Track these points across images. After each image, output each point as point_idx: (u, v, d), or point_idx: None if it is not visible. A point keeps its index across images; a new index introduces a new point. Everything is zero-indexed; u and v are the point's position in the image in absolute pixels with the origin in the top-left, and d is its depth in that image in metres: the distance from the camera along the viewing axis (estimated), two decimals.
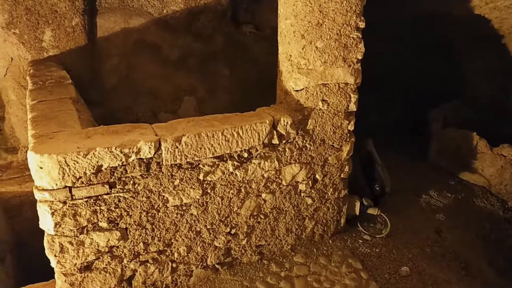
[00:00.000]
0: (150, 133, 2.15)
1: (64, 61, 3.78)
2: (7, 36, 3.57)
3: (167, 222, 2.27)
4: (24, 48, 3.66)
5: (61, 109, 2.55)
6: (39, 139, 2.04)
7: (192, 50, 4.53)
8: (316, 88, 2.46)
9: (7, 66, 3.80)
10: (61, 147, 1.95)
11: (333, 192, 2.76)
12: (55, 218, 1.97)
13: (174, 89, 4.56)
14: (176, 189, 2.23)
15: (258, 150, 2.37)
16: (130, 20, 4.17)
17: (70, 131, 2.15)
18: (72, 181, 1.94)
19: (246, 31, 4.78)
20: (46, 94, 2.84)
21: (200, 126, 2.27)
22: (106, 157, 1.96)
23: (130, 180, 2.09)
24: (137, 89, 4.40)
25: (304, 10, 2.36)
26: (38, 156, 1.86)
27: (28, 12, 3.55)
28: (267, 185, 2.49)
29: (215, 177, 2.32)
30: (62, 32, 3.75)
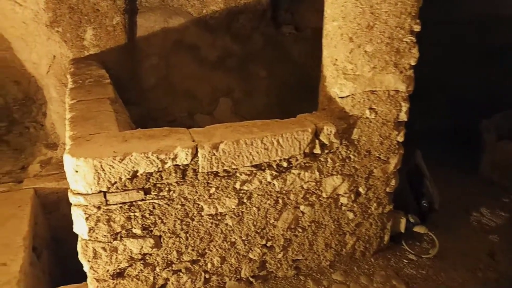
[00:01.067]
0: (187, 138, 2.07)
1: (104, 60, 3.79)
2: (50, 34, 3.61)
3: (201, 231, 2.18)
4: (66, 46, 3.70)
5: (99, 109, 2.52)
6: (76, 141, 2.00)
7: (231, 51, 4.45)
8: (364, 95, 2.29)
9: (49, 64, 3.87)
10: (97, 150, 1.89)
11: (377, 207, 2.57)
12: (89, 223, 1.93)
13: (211, 90, 4.49)
14: (211, 198, 2.14)
15: (298, 159, 2.24)
16: (170, 19, 4.14)
17: (107, 134, 2.10)
18: (107, 186, 1.89)
19: (285, 32, 4.64)
20: (85, 93, 2.83)
21: (238, 132, 2.16)
22: (142, 163, 1.89)
23: (166, 187, 2.01)
24: (175, 89, 4.38)
25: (354, 12, 2.19)
26: (74, 160, 1.82)
27: (71, 11, 3.57)
28: (306, 197, 2.35)
29: (252, 186, 2.20)
30: (103, 31, 3.76)
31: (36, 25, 3.59)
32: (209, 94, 4.52)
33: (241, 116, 4.65)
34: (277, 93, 4.65)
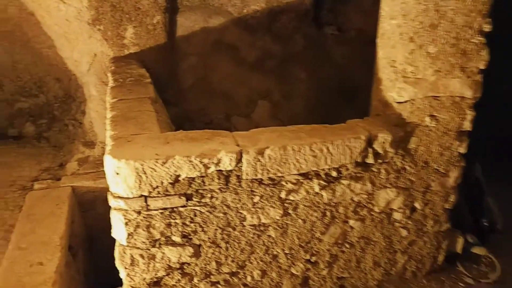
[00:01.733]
0: (231, 142, 1.94)
1: (143, 59, 3.75)
2: (92, 32, 3.61)
3: (242, 242, 2.04)
4: (107, 44, 3.68)
5: (140, 109, 2.44)
6: (117, 141, 1.92)
7: (270, 52, 4.31)
8: (424, 100, 2.09)
9: (90, 62, 3.87)
10: (139, 152, 1.80)
11: (433, 225, 2.35)
12: (128, 229, 1.83)
13: (249, 92, 4.37)
14: (255, 207, 2.00)
15: (349, 169, 2.06)
16: (210, 19, 4.05)
17: (149, 135, 2.01)
18: (149, 190, 1.79)
19: (328, 33, 4.46)
20: (126, 92, 2.77)
21: (285, 137, 2.01)
22: (184, 167, 1.78)
23: (208, 193, 1.89)
24: (212, 90, 4.29)
25: (416, 9, 2.00)
26: (115, 161, 1.73)
27: (113, 9, 3.55)
28: (357, 211, 2.17)
29: (298, 196, 2.05)
30: (143, 30, 3.72)
31: (79, 23, 3.60)
32: (247, 96, 4.40)
33: (279, 119, 4.51)
34: (317, 96, 4.47)
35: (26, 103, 5.26)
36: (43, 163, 4.36)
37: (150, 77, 3.20)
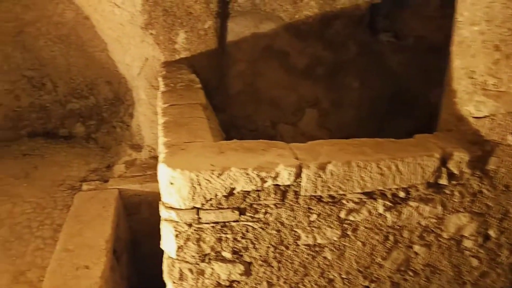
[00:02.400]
0: (288, 155, 1.81)
1: (193, 64, 3.72)
2: (144, 36, 3.62)
3: (296, 262, 1.90)
4: (158, 49, 3.68)
5: (192, 115, 2.37)
6: (171, 149, 1.85)
7: (321, 59, 4.16)
8: (507, 116, 1.86)
9: (141, 66, 3.89)
10: (194, 162, 1.71)
11: (508, 255, 2.09)
12: (178, 241, 1.74)
13: (296, 100, 4.24)
14: (311, 226, 1.85)
15: (419, 190, 1.86)
16: (261, 24, 3.97)
17: (202, 144, 1.92)
18: (202, 202, 1.69)
19: (383, 40, 4.24)
20: (177, 97, 2.73)
21: (347, 152, 1.85)
22: (240, 180, 1.67)
23: (262, 209, 1.77)
24: (260, 97, 4.19)
25: (503, 14, 1.78)
26: (170, 171, 1.65)
27: (165, 14, 3.54)
28: (423, 236, 1.96)
29: (359, 217, 1.87)
30: (194, 35, 3.69)
31: (132, 27, 3.63)
32: (295, 104, 4.27)
33: (327, 128, 4.33)
34: (369, 105, 4.25)
35: (77, 104, 5.42)
36: (91, 164, 4.44)
37: (200, 83, 3.15)
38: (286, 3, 3.89)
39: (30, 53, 5.10)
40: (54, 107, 5.30)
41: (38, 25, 4.72)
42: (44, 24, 4.68)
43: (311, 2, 3.85)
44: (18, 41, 4.89)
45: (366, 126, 4.37)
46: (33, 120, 5.20)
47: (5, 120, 5.09)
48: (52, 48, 5.03)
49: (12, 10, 4.45)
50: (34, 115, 5.23)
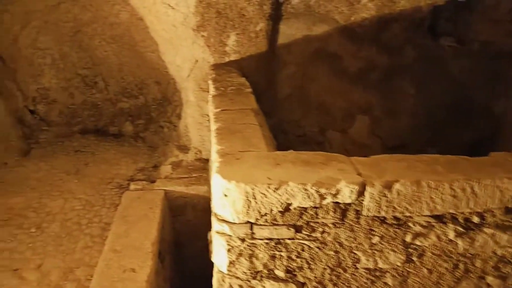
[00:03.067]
0: (350, 170, 1.67)
1: (243, 67, 3.65)
2: (196, 38, 3.60)
3: (353, 286, 1.76)
4: (208, 51, 3.65)
5: (244, 122, 2.29)
6: (225, 158, 1.77)
7: (375, 63, 3.95)
8: None
9: (191, 68, 3.88)
10: (250, 174, 1.62)
11: None
12: (230, 256, 1.66)
13: (347, 106, 4.06)
14: (372, 249, 1.70)
15: (495, 215, 1.66)
16: (313, 27, 3.83)
17: (257, 154, 1.83)
18: (256, 217, 1.60)
19: (444, 45, 3.95)
20: (228, 102, 2.66)
21: (416, 169, 1.68)
22: (298, 195, 1.56)
23: (319, 227, 1.65)
24: (309, 102, 4.06)
25: None
26: (225, 182, 1.57)
27: (218, 15, 3.50)
28: (498, 266, 1.76)
29: (427, 242, 1.70)
30: (245, 37, 3.62)
31: (184, 29, 3.61)
32: (345, 110, 4.09)
33: (379, 136, 4.11)
34: (426, 114, 3.99)
35: (127, 104, 5.55)
36: (139, 163, 4.51)
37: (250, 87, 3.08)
38: (342, 5, 3.72)
39: (85, 52, 5.28)
40: (105, 106, 5.46)
41: (94, 26, 4.87)
42: (100, 25, 4.82)
43: (369, 4, 3.65)
44: (75, 40, 5.07)
45: (420, 136, 4.11)
46: (85, 117, 5.38)
47: (60, 117, 5.31)
48: (105, 48, 5.18)
49: (71, 10, 4.62)
50: (86, 112, 5.41)
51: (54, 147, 4.77)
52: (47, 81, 5.17)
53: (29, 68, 4.95)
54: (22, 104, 4.88)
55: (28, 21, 4.52)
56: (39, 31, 4.74)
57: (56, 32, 4.87)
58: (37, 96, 5.15)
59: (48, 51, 4.98)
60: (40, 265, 2.80)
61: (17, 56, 4.71)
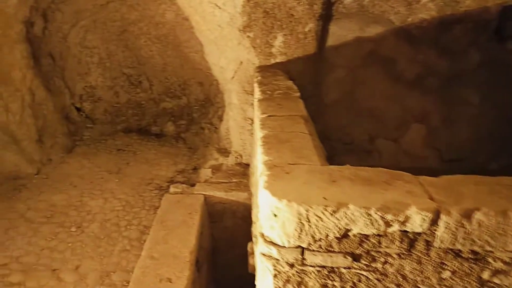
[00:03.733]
0: (419, 192, 1.44)
1: (289, 69, 3.47)
2: (241, 39, 3.46)
3: None
4: (254, 52, 3.50)
5: (293, 130, 2.11)
6: (274, 171, 1.59)
7: (434, 68, 3.63)
8: None
9: (235, 69, 3.75)
10: (302, 192, 1.43)
11: None
12: (276, 282, 1.49)
13: (401, 113, 3.76)
14: (441, 284, 1.46)
15: None
16: (367, 28, 3.57)
17: (310, 168, 1.64)
18: (309, 242, 1.41)
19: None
20: (275, 107, 2.49)
21: (501, 195, 1.43)
22: (359, 221, 1.35)
23: (381, 257, 1.43)
24: (358, 107, 3.80)
25: None
26: (274, 200, 1.39)
27: (265, 15, 3.34)
28: None
29: (507, 281, 1.44)
30: (293, 38, 3.44)
31: (230, 29, 3.49)
32: (398, 117, 3.79)
33: (436, 148, 3.78)
34: (490, 125, 3.61)
35: (169, 104, 5.54)
36: (179, 164, 4.46)
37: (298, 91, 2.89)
38: (399, 5, 3.44)
39: (131, 52, 5.32)
40: (148, 105, 5.48)
41: (140, 25, 4.89)
42: (146, 24, 4.83)
43: (429, 4, 3.35)
44: (121, 39, 5.12)
45: (481, 149, 3.73)
46: (129, 116, 5.43)
47: (105, 115, 5.39)
48: (151, 48, 5.20)
49: (119, 10, 4.65)
50: (130, 111, 5.46)
51: (98, 144, 4.83)
52: (93, 80, 5.26)
53: (77, 66, 5.05)
54: (69, 102, 4.99)
55: (77, 20, 4.60)
56: (87, 30, 4.81)
57: (104, 31, 4.94)
58: (84, 94, 5.25)
59: (96, 50, 5.06)
60: (78, 266, 2.77)
61: (66, 54, 4.81)
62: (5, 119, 3.79)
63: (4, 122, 3.80)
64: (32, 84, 4.09)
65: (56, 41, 4.58)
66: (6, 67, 3.86)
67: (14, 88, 3.90)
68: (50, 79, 4.56)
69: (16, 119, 3.88)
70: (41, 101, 4.23)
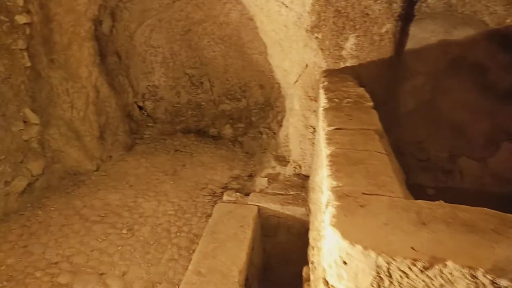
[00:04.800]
0: None
1: (360, 74, 3.12)
2: (308, 40, 3.18)
3: None
4: (321, 55, 3.20)
5: (367, 148, 1.79)
6: (345, 202, 1.30)
7: None
8: None
9: (300, 73, 3.47)
10: (383, 236, 1.12)
11: None
12: None
13: (490, 129, 3.22)
14: None
15: None
16: (454, 30, 3.11)
17: (391, 201, 1.32)
18: None
19: None
20: (344, 118, 2.17)
21: None
22: (461, 284, 1.01)
23: None
24: (438, 120, 3.33)
25: None
26: (346, 245, 1.10)
27: (336, 15, 3.02)
28: None
29: None
30: (367, 40, 3.08)
31: (297, 30, 3.22)
32: (486, 134, 3.26)
33: None
34: None
35: (229, 106, 5.40)
36: (234, 170, 4.28)
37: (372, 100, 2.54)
38: (496, 4, 2.94)
39: (194, 52, 5.26)
40: (208, 106, 5.39)
41: (204, 25, 4.79)
42: (210, 24, 4.73)
43: None
44: (185, 39, 5.07)
45: None
46: (188, 117, 5.37)
47: (165, 114, 5.38)
48: (214, 48, 5.09)
49: (184, 9, 4.59)
50: (190, 112, 5.40)
51: (156, 144, 4.82)
52: (156, 79, 5.28)
53: (141, 65, 5.09)
54: (132, 100, 5.04)
55: (144, 19, 4.61)
56: (153, 29, 4.82)
57: (168, 30, 4.91)
58: (146, 93, 5.29)
59: (160, 49, 5.06)
60: (125, 273, 2.67)
61: (132, 53, 4.86)
62: (70, 115, 3.86)
63: (69, 118, 3.87)
64: (97, 81, 4.15)
65: (123, 40, 4.63)
66: (75, 63, 3.94)
67: (80, 84, 3.97)
68: (114, 77, 4.62)
69: (80, 115, 3.94)
70: (105, 98, 4.28)
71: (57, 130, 3.77)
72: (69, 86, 3.85)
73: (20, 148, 3.39)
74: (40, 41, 3.61)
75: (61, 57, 3.82)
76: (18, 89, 3.36)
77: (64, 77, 3.85)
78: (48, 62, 3.72)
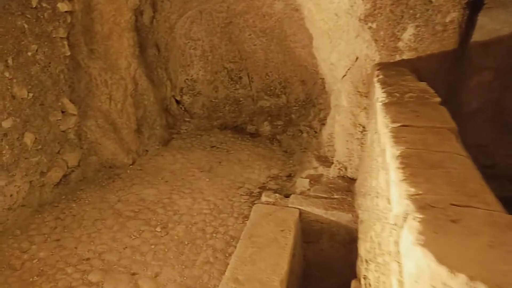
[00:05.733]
0: None
1: (418, 67, 2.80)
2: (361, 30, 2.89)
3: None
4: (375, 46, 2.90)
5: (444, 149, 1.51)
6: (430, 215, 1.03)
7: None
8: None
9: (349, 67, 3.18)
10: (490, 262, 0.86)
11: None
12: None
13: None
14: None
15: None
16: None
17: (490, 216, 1.04)
18: None
19: None
20: (410, 114, 1.89)
21: None
22: None
23: None
24: (507, 121, 2.95)
25: None
26: (442, 272, 0.84)
27: (394, 2, 2.72)
28: None
29: None
30: (428, 30, 2.75)
31: (348, 19, 2.94)
32: None
33: None
34: None
35: (267, 102, 5.17)
36: (272, 169, 4.05)
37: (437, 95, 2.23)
38: None
39: (234, 46, 5.06)
40: (246, 102, 5.19)
41: (246, 17, 4.59)
42: (252, 16, 4.52)
43: None
44: (225, 32, 4.89)
45: None
46: (226, 112, 5.20)
47: (202, 109, 5.24)
48: (254, 42, 4.87)
49: (226, 0, 4.41)
50: (228, 108, 5.22)
51: (193, 139, 4.68)
52: (195, 73, 5.14)
53: (180, 58, 4.97)
54: (170, 94, 4.93)
55: (185, 10, 4.47)
56: (193, 21, 4.68)
57: (209, 23, 4.75)
58: (185, 87, 5.16)
59: (199, 42, 4.91)
60: (158, 274, 2.51)
61: (171, 46, 4.74)
62: (107, 107, 3.78)
63: (107, 110, 3.79)
64: (136, 73, 4.05)
65: (163, 31, 4.51)
66: (114, 54, 3.85)
67: (119, 76, 3.88)
68: (153, 69, 4.52)
69: (118, 108, 3.85)
70: (143, 91, 4.18)
71: (95, 122, 3.69)
72: (108, 77, 3.77)
73: (57, 139, 3.33)
74: (81, 30, 3.54)
75: (101, 47, 3.74)
76: (57, 78, 3.29)
77: (103, 67, 3.76)
78: (88, 52, 3.65)
